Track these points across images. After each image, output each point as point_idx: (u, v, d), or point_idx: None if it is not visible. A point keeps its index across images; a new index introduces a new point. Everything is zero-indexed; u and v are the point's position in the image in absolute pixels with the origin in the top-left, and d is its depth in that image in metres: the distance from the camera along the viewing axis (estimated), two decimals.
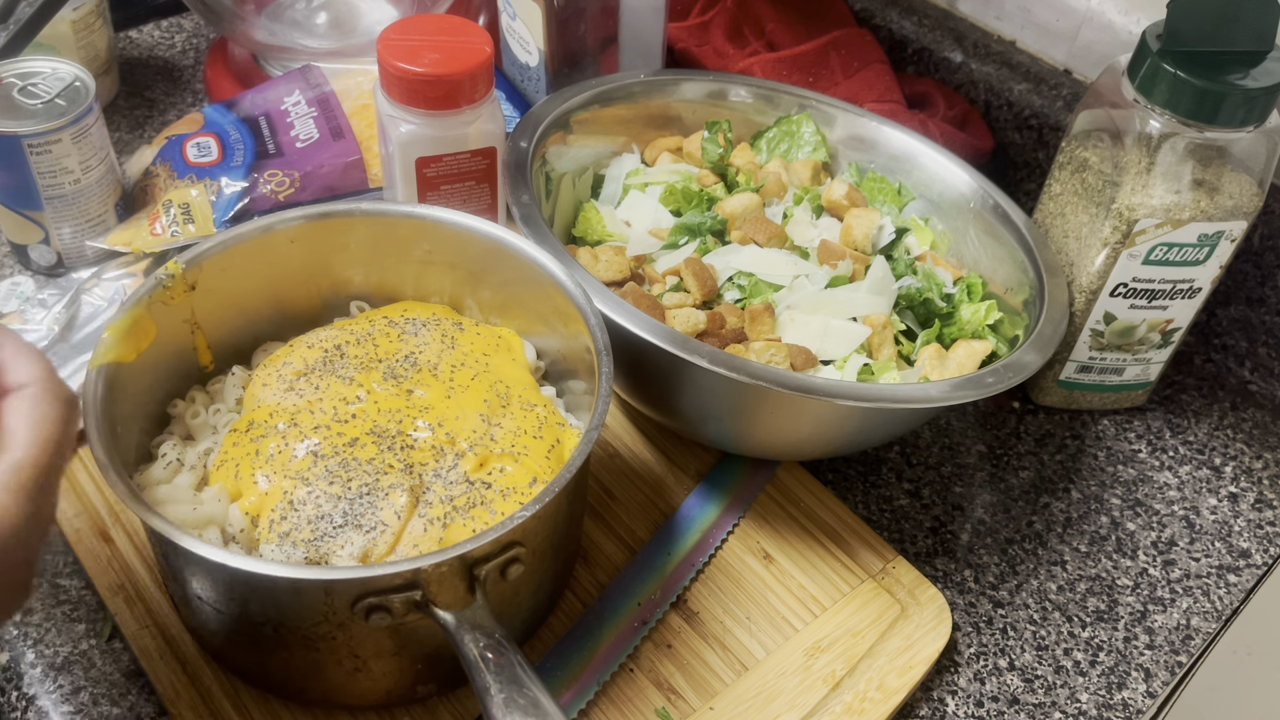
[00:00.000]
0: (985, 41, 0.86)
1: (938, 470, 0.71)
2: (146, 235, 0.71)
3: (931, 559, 0.66)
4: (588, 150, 0.73)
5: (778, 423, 0.61)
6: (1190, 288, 0.67)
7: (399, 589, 0.47)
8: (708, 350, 0.56)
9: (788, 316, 0.64)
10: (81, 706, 0.55)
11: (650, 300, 0.63)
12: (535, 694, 0.45)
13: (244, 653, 0.52)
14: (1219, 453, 0.73)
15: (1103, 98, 0.65)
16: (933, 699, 0.60)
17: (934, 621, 0.61)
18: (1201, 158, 0.63)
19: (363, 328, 0.61)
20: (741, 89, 0.76)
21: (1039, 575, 0.66)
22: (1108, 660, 0.62)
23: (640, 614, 0.60)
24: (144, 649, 0.57)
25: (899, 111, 0.81)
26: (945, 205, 0.73)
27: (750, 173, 0.73)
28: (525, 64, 0.82)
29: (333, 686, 0.53)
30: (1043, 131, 0.82)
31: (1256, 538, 0.68)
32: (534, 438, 0.57)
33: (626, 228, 0.70)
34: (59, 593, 0.60)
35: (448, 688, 0.56)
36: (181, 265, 0.57)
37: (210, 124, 0.77)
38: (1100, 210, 0.65)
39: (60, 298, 0.69)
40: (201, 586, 0.50)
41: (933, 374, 0.64)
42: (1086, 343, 0.70)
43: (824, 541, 0.64)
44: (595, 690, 0.57)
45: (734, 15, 0.89)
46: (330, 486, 0.52)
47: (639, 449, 0.69)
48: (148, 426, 0.58)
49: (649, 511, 0.65)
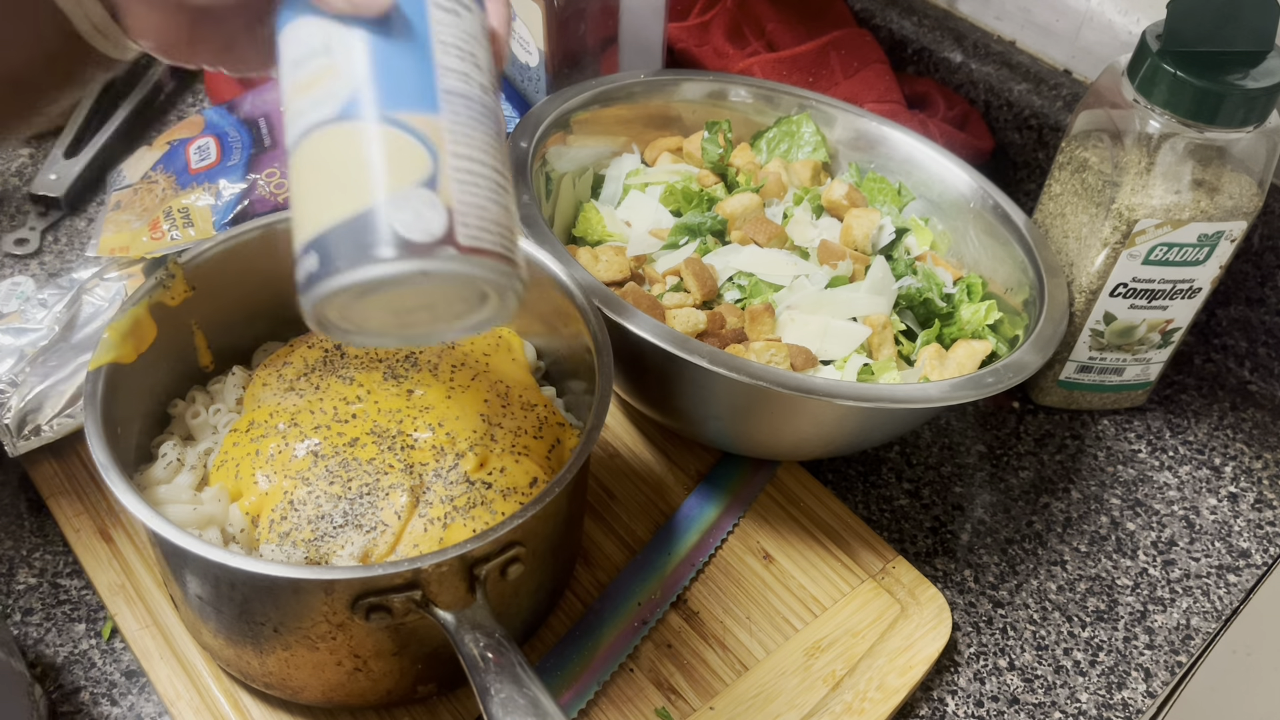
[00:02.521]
0: (985, 41, 0.86)
1: (938, 470, 0.71)
2: (145, 240, 0.71)
3: (931, 559, 0.66)
4: (588, 150, 0.73)
5: (778, 423, 0.61)
6: (1190, 288, 0.68)
7: (399, 589, 0.47)
8: (708, 350, 0.56)
9: (788, 316, 0.64)
10: (81, 706, 0.55)
11: (650, 300, 0.63)
12: (535, 694, 0.45)
13: (244, 653, 0.52)
14: (1219, 453, 0.73)
15: (1103, 98, 0.65)
16: (933, 699, 0.60)
17: (934, 621, 0.61)
18: (1201, 158, 0.63)
19: None
20: (741, 89, 0.76)
21: (1039, 575, 0.66)
22: (1108, 660, 0.62)
23: (640, 614, 0.60)
24: (144, 649, 0.57)
25: (899, 111, 0.81)
26: (945, 205, 0.73)
27: (750, 173, 0.73)
28: (525, 64, 0.82)
29: (333, 686, 0.53)
30: (1043, 132, 0.82)
31: (1256, 538, 0.68)
32: (534, 438, 0.57)
33: (626, 228, 0.70)
34: (59, 593, 0.60)
35: (448, 688, 0.56)
36: (181, 265, 0.57)
37: (210, 126, 0.77)
38: (1100, 210, 0.65)
39: (60, 298, 0.69)
40: (201, 586, 0.50)
41: (933, 374, 0.64)
42: (1086, 343, 0.70)
43: (824, 541, 0.65)
44: (595, 690, 0.57)
45: (734, 15, 0.89)
46: (330, 486, 0.52)
47: (639, 449, 0.69)
48: (148, 426, 0.58)
49: (649, 511, 0.65)
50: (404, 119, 0.38)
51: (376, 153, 0.37)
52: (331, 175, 0.38)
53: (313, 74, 0.39)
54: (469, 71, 0.40)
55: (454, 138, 0.38)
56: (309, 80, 0.39)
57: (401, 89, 0.38)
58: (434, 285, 0.38)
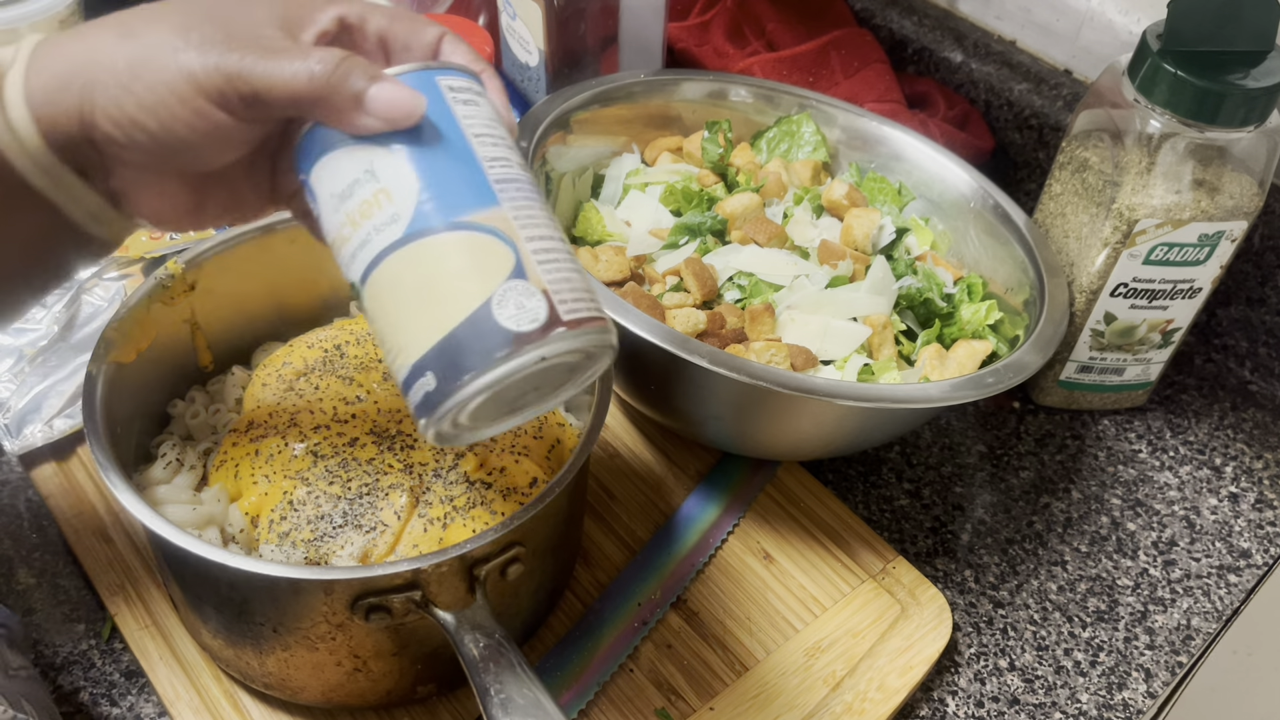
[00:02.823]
0: (985, 41, 0.86)
1: (938, 470, 0.70)
2: (144, 239, 0.71)
3: (932, 559, 0.66)
4: (588, 150, 0.73)
5: (778, 423, 0.61)
6: (1190, 288, 0.67)
7: (399, 589, 0.47)
8: (708, 350, 0.56)
9: (788, 316, 0.64)
10: (81, 706, 0.55)
11: (650, 300, 0.63)
12: (535, 694, 0.45)
13: (244, 653, 0.52)
14: (1219, 453, 0.73)
15: (1103, 98, 0.65)
16: (933, 699, 0.60)
17: (934, 622, 0.61)
18: (1202, 158, 0.63)
19: (362, 327, 0.61)
20: (741, 89, 0.76)
21: (1039, 575, 0.65)
22: (1108, 660, 0.62)
23: (640, 614, 0.60)
24: (144, 649, 0.57)
25: (899, 111, 0.81)
26: (945, 205, 0.73)
27: (750, 173, 0.73)
28: (525, 64, 0.82)
29: (333, 686, 0.53)
30: (1043, 131, 0.82)
31: (1257, 538, 0.68)
32: (534, 438, 0.57)
33: (626, 228, 0.70)
34: (59, 593, 0.60)
35: (448, 688, 0.56)
36: (181, 265, 0.57)
37: None
38: (1101, 210, 0.65)
39: (60, 298, 0.69)
40: (201, 586, 0.50)
41: (933, 374, 0.64)
42: (1087, 343, 0.70)
43: (824, 542, 0.64)
44: (595, 690, 0.57)
45: (734, 15, 0.89)
46: (330, 486, 0.52)
47: (639, 449, 0.69)
48: (148, 426, 0.58)
49: (649, 511, 0.65)
50: (471, 220, 0.38)
51: (460, 260, 0.38)
52: (421, 294, 0.38)
53: (364, 202, 0.39)
54: (506, 156, 0.41)
55: (521, 223, 0.39)
56: (362, 209, 0.39)
57: (458, 192, 0.39)
58: (550, 365, 0.38)
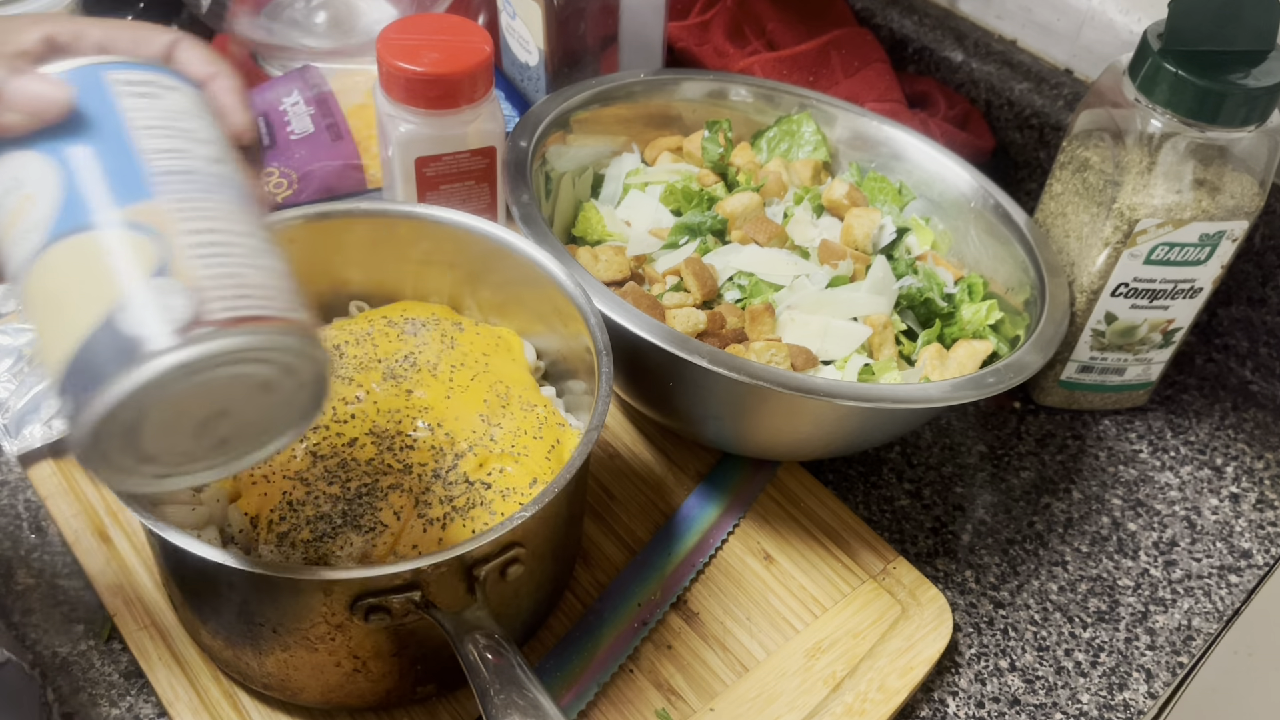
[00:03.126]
0: (986, 41, 0.86)
1: (938, 470, 0.70)
2: None
3: (932, 559, 0.66)
4: (588, 150, 0.73)
5: (778, 423, 0.61)
6: (1191, 287, 0.67)
7: (398, 589, 0.47)
8: (708, 350, 0.56)
9: (788, 316, 0.64)
10: (81, 706, 0.55)
11: (650, 300, 0.63)
12: (535, 695, 0.45)
13: (243, 653, 0.52)
14: (1220, 453, 0.73)
15: (1104, 97, 0.65)
16: (933, 700, 0.60)
17: (935, 622, 0.61)
18: (1203, 157, 0.63)
19: (362, 328, 0.61)
20: (742, 88, 0.76)
21: (1040, 576, 0.65)
22: (1109, 661, 0.62)
23: (640, 614, 0.60)
24: (143, 649, 0.57)
25: (900, 111, 0.81)
26: (946, 205, 0.73)
27: (750, 172, 0.73)
28: (525, 63, 0.81)
29: (332, 686, 0.52)
30: (1044, 131, 0.82)
31: (1258, 538, 0.68)
32: (534, 438, 0.56)
33: (626, 227, 0.70)
34: (58, 593, 0.60)
35: (448, 688, 0.55)
36: None
37: None
38: (1101, 210, 0.65)
39: None
40: (201, 586, 0.50)
41: (933, 374, 0.64)
42: (1088, 343, 0.70)
43: (824, 542, 0.64)
44: (595, 691, 0.57)
45: (734, 14, 0.89)
46: (329, 487, 0.52)
47: (639, 449, 0.69)
48: None
49: (649, 512, 0.65)
50: (115, 216, 0.35)
51: (92, 262, 0.34)
52: (55, 306, 0.35)
53: (15, 205, 0.36)
54: (184, 148, 0.38)
55: (182, 216, 0.36)
56: (13, 213, 0.36)
57: (105, 187, 0.36)
58: (205, 377, 0.34)
